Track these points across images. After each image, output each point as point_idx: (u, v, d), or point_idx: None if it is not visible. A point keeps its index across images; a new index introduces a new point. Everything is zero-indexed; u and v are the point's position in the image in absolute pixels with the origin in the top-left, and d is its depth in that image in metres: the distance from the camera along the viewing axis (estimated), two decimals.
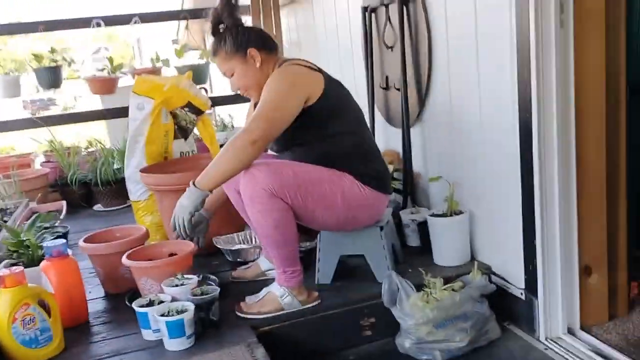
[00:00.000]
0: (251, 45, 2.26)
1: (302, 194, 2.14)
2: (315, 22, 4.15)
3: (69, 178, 4.17)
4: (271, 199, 2.09)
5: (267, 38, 2.35)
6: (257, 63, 2.27)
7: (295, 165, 2.18)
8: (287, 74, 2.21)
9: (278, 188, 2.09)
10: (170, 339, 2.02)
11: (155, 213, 3.10)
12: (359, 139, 2.30)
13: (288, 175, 2.12)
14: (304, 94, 2.17)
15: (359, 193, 2.22)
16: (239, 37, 2.26)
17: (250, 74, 2.28)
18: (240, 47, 2.26)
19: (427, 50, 2.72)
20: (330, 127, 2.23)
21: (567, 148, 2.16)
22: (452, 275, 2.44)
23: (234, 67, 2.29)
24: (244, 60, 2.27)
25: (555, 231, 2.20)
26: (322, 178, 2.19)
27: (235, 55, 2.27)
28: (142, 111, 3.12)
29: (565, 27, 2.08)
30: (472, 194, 2.58)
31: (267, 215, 2.10)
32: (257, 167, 2.10)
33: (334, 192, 2.19)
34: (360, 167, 2.25)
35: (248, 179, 2.09)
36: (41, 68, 4.36)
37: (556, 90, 2.10)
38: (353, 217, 2.26)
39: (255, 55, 2.26)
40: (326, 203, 2.19)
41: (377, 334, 2.35)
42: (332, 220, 2.25)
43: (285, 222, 2.13)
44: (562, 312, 2.26)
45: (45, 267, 2.22)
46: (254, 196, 2.09)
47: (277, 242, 2.16)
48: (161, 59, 4.50)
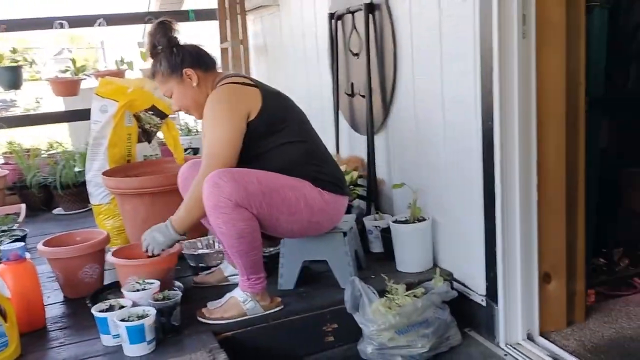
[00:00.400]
0: (186, 65, 2.26)
1: (267, 202, 2.12)
2: (281, 27, 4.15)
3: (29, 180, 4.08)
4: (236, 209, 2.06)
5: (203, 56, 2.33)
6: (194, 82, 2.27)
7: (258, 173, 2.15)
8: (221, 99, 2.20)
9: (243, 198, 2.06)
10: (131, 345, 1.98)
11: (117, 217, 3.06)
12: (307, 146, 2.29)
13: (253, 184, 2.10)
14: (243, 113, 2.17)
15: (319, 198, 2.22)
16: (173, 58, 2.26)
17: (189, 93, 2.29)
18: (176, 68, 2.26)
19: (392, 57, 2.75)
20: (275, 139, 2.22)
21: (528, 157, 2.20)
22: (414, 281, 2.46)
23: (171, 88, 2.30)
24: (181, 80, 2.27)
25: (516, 239, 2.23)
26: (285, 185, 2.18)
27: (171, 77, 2.27)
28: (105, 113, 3.08)
29: (527, 38, 2.12)
30: (435, 201, 2.61)
31: (231, 226, 2.07)
32: (220, 175, 2.07)
33: (297, 198, 2.18)
34: (315, 173, 2.24)
35: (212, 189, 2.05)
36: (1, 68, 4.26)
37: (518, 100, 2.14)
38: (316, 222, 2.26)
39: (191, 74, 2.26)
40: (290, 210, 2.18)
41: (340, 339, 2.35)
42: (296, 227, 2.24)
43: (249, 231, 2.11)
44: (521, 318, 2.30)
45: (2, 270, 2.17)
46: (218, 206, 2.05)
47: (241, 251, 2.13)
48: (125, 62, 4.45)
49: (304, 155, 2.26)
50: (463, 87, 2.32)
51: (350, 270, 2.42)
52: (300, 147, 2.26)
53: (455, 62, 2.35)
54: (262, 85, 2.28)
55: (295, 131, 2.26)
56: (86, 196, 3.38)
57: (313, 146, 2.32)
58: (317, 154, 2.31)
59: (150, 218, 2.74)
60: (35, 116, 5.88)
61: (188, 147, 4.47)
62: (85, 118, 4.22)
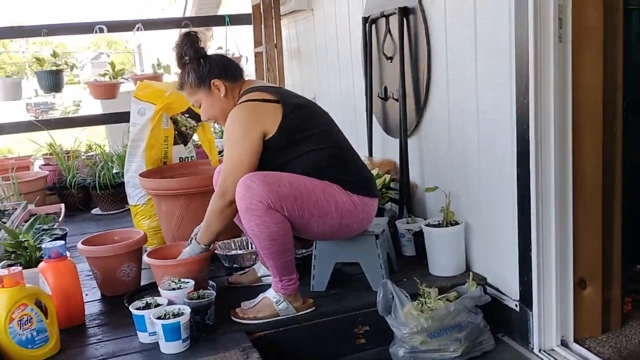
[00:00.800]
0: (214, 76, 2.30)
1: (299, 205, 2.14)
2: (315, 31, 4.18)
3: (68, 181, 4.19)
4: (268, 211, 2.09)
5: (230, 66, 2.36)
6: (222, 93, 2.31)
7: (290, 176, 2.18)
8: (237, 120, 2.23)
9: (275, 200, 2.09)
10: (166, 342, 2.02)
11: (153, 217, 3.12)
12: (334, 151, 2.29)
13: (284, 187, 2.12)
14: (258, 133, 2.20)
15: (349, 200, 2.23)
16: (201, 69, 2.30)
17: (217, 104, 2.33)
18: (204, 79, 2.30)
19: (426, 61, 2.75)
20: (300, 148, 2.24)
21: (564, 161, 2.18)
22: (446, 285, 2.45)
23: (200, 99, 2.34)
24: (209, 91, 2.32)
25: (551, 243, 2.21)
26: (316, 187, 2.19)
27: (199, 88, 2.32)
28: (143, 116, 3.14)
29: (564, 42, 2.11)
30: (469, 204, 2.60)
31: (264, 228, 2.10)
32: (253, 178, 2.10)
33: (328, 200, 2.20)
34: (343, 176, 2.25)
35: (244, 191, 2.09)
36: (43, 71, 4.38)
37: (554, 103, 2.12)
38: (346, 225, 2.27)
39: (219, 85, 2.30)
40: (321, 212, 2.19)
41: (371, 342, 2.36)
42: (326, 229, 2.25)
43: (281, 233, 2.13)
44: (556, 324, 2.27)
45: (43, 268, 2.23)
46: (250, 209, 2.09)
47: (273, 253, 2.16)
48: (162, 66, 4.53)
49: (331, 160, 2.26)
50: (498, 90, 2.31)
51: (382, 272, 2.43)
52: (326, 152, 2.27)
53: (490, 65, 2.35)
54: (285, 98, 2.27)
55: (320, 138, 2.27)
56: (124, 197, 3.45)
57: (339, 150, 2.32)
58: (344, 158, 2.32)
59: (185, 219, 2.81)
60: (75, 118, 6.02)
61: (222, 149, 4.52)
62: (122, 120, 4.33)
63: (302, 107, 2.30)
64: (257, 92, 2.28)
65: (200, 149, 3.61)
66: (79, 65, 5.12)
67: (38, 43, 12.93)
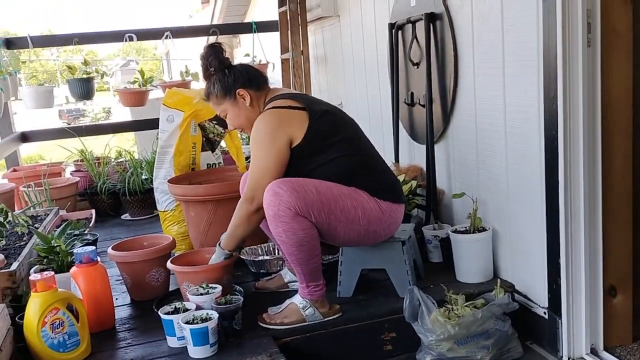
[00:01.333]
0: (238, 86, 2.33)
1: (326, 211, 2.15)
2: (342, 38, 4.20)
3: (98, 187, 4.26)
4: (295, 218, 2.10)
5: (254, 75, 2.38)
6: (247, 102, 2.34)
7: (317, 182, 2.19)
8: (263, 127, 2.24)
9: (303, 207, 2.10)
10: (194, 347, 2.05)
11: (182, 223, 3.15)
12: (360, 158, 2.30)
13: (312, 193, 2.13)
14: (284, 141, 2.21)
15: (376, 207, 2.24)
16: (226, 79, 2.33)
17: (243, 113, 2.36)
18: (229, 89, 2.33)
19: (453, 67, 2.75)
20: (326, 155, 2.25)
21: (594, 166, 2.16)
22: (474, 292, 2.44)
23: (226, 109, 2.38)
24: (235, 101, 2.34)
25: (581, 250, 2.19)
26: (343, 194, 2.20)
27: (225, 98, 2.35)
28: (171, 123, 3.18)
29: (593, 47, 2.09)
30: (496, 211, 2.58)
31: (291, 235, 2.11)
32: (280, 184, 2.12)
33: (355, 207, 2.20)
34: (370, 182, 2.26)
35: (272, 197, 2.11)
36: (74, 79, 4.46)
37: (583, 109, 2.10)
38: (373, 231, 2.27)
39: (244, 94, 2.33)
40: (348, 218, 2.20)
41: (398, 348, 2.36)
42: (353, 235, 2.25)
43: (309, 240, 2.14)
44: (585, 332, 2.24)
45: (75, 273, 2.28)
46: (278, 215, 2.10)
47: (300, 259, 2.17)
48: (190, 73, 4.59)
49: (357, 167, 2.27)
50: (526, 96, 2.30)
51: (408, 279, 2.42)
52: (352, 159, 2.27)
53: (518, 71, 2.33)
54: (310, 105, 2.29)
55: (346, 145, 2.27)
56: (152, 202, 3.49)
57: (365, 157, 2.32)
58: (370, 164, 2.32)
59: (213, 224, 2.83)
60: (104, 125, 6.12)
61: (249, 155, 4.55)
62: (151, 127, 4.40)
63: (328, 113, 2.31)
64: (282, 99, 2.30)
65: (228, 156, 3.65)
66: (109, 72, 5.21)
67: (68, 51, 13.18)
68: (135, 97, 4.55)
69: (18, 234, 3.01)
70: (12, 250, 2.80)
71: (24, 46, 4.60)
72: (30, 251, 2.71)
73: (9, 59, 4.54)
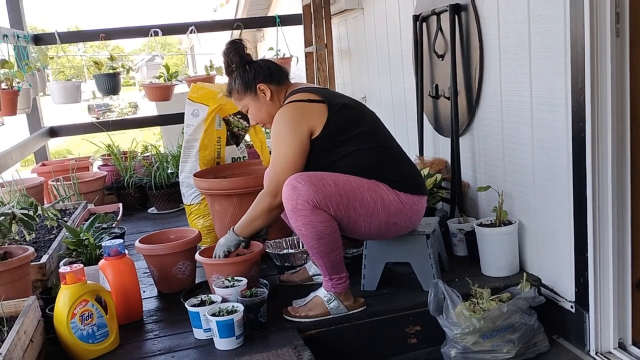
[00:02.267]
0: (259, 81, 2.35)
1: (345, 204, 2.16)
2: (365, 30, 4.19)
3: (125, 181, 4.32)
4: (314, 211, 2.11)
5: (275, 70, 2.40)
6: (268, 96, 2.36)
7: (335, 176, 2.19)
8: (283, 121, 2.25)
9: (321, 200, 2.11)
10: (221, 339, 2.07)
11: (207, 216, 3.18)
12: (379, 150, 2.29)
13: (330, 186, 2.14)
14: (305, 133, 2.22)
15: (396, 199, 2.23)
16: (247, 75, 2.36)
17: (264, 108, 2.38)
18: (250, 85, 2.36)
19: (479, 59, 2.72)
20: (345, 148, 2.25)
21: (622, 159, 2.13)
22: (499, 286, 2.42)
23: (247, 104, 2.40)
24: (255, 96, 2.37)
25: (608, 243, 2.16)
26: (362, 186, 2.20)
27: (246, 93, 2.37)
28: (196, 117, 3.21)
29: (621, 37, 2.05)
30: (522, 204, 2.56)
31: (310, 227, 2.12)
32: (298, 178, 2.13)
33: (375, 199, 2.20)
34: (390, 175, 2.25)
35: (290, 191, 2.12)
36: (101, 75, 4.52)
37: (611, 100, 2.07)
38: (394, 223, 2.27)
39: (264, 89, 2.35)
40: (368, 211, 2.20)
41: (423, 342, 2.36)
42: (374, 228, 2.25)
43: (328, 232, 2.15)
44: (613, 326, 2.21)
45: (103, 265, 2.31)
46: (297, 208, 2.11)
47: (321, 252, 2.18)
48: (215, 67, 4.61)
49: (377, 159, 2.27)
50: (553, 87, 2.27)
51: (433, 272, 2.41)
52: (372, 151, 2.27)
53: (544, 62, 2.30)
54: (330, 98, 2.30)
55: (366, 138, 2.28)
56: (179, 196, 3.53)
57: (386, 150, 2.32)
58: (390, 157, 2.32)
59: (238, 217, 2.82)
60: (131, 120, 6.19)
61: None
62: (176, 122, 4.44)
63: (347, 106, 2.32)
64: (301, 93, 2.31)
65: (252, 149, 3.67)
66: (135, 67, 5.26)
67: (95, 46, 13.35)
68: (161, 91, 4.59)
69: (47, 227, 3.07)
70: (41, 243, 2.86)
71: (51, 42, 4.67)
72: (60, 244, 2.76)
73: (37, 54, 4.61)
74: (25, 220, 2.47)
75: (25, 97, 3.92)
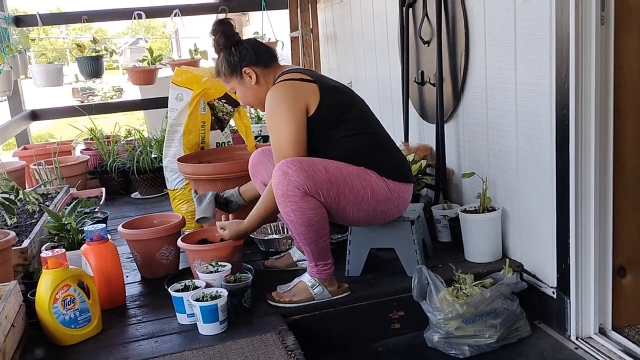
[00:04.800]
0: (244, 65, 2.32)
1: (335, 191, 2.15)
2: (351, 16, 4.16)
3: (108, 166, 4.27)
4: (304, 197, 2.10)
5: (262, 52, 2.36)
6: (253, 80, 2.32)
7: (326, 162, 2.18)
8: (279, 98, 2.21)
9: (312, 186, 2.10)
10: (204, 324, 2.07)
11: (191, 202, 3.16)
12: (369, 137, 2.29)
13: (321, 172, 2.13)
14: (302, 110, 2.20)
15: (384, 187, 2.24)
16: (232, 57, 2.32)
17: (250, 92, 2.36)
18: (235, 68, 2.33)
19: (464, 45, 2.72)
20: (335, 133, 2.24)
21: (605, 146, 2.14)
22: (482, 271, 2.44)
23: (234, 87, 2.38)
24: (241, 80, 2.34)
25: (590, 230, 2.18)
26: (352, 173, 2.20)
27: (232, 76, 2.35)
28: (180, 102, 3.18)
29: (606, 25, 2.06)
30: (506, 191, 2.57)
31: (300, 214, 2.11)
32: (289, 164, 2.11)
33: (364, 187, 2.20)
34: (377, 162, 2.25)
35: (281, 177, 2.10)
36: (83, 57, 4.46)
37: (595, 88, 2.08)
38: (382, 211, 2.27)
39: (250, 73, 2.32)
40: (357, 198, 2.20)
41: (406, 327, 2.37)
42: (362, 215, 2.26)
43: (317, 219, 2.14)
44: (594, 311, 2.24)
45: (85, 250, 2.29)
46: (287, 194, 2.10)
47: (309, 239, 2.18)
48: (199, 51, 4.57)
49: (366, 146, 2.26)
50: (538, 74, 2.27)
51: (417, 258, 2.43)
52: (361, 138, 2.26)
53: (529, 49, 2.31)
54: (321, 80, 2.29)
55: (355, 124, 2.27)
56: (162, 181, 3.50)
57: (375, 137, 2.31)
58: (379, 144, 2.31)
59: None
60: (114, 104, 6.13)
61: (258, 134, 4.56)
62: (160, 106, 4.40)
63: (338, 90, 2.31)
64: (293, 73, 2.29)
65: (237, 134, 3.65)
66: (118, 51, 5.20)
67: (77, 29, 13.20)
68: (144, 75, 4.54)
69: (29, 211, 3.04)
70: (23, 227, 2.83)
71: (33, 24, 4.60)
72: (42, 229, 2.74)
73: (19, 36, 4.53)
74: (7, 204, 2.45)
75: (6, 79, 3.86)
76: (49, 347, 2.09)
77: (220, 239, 2.41)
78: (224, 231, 2.36)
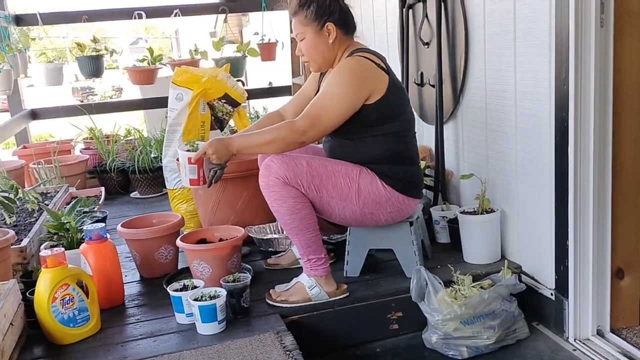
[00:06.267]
0: (331, 20, 2.25)
1: (316, 185, 2.19)
2: None
3: (108, 165, 4.28)
4: (285, 187, 2.16)
5: (350, 19, 2.31)
6: (331, 39, 2.27)
7: (310, 158, 2.23)
8: (356, 70, 2.19)
9: (291, 177, 2.15)
10: (203, 323, 2.07)
11: (190, 201, 3.17)
12: (400, 145, 2.30)
13: (301, 165, 2.18)
14: (365, 93, 2.18)
15: (378, 192, 2.25)
16: (324, 7, 2.24)
17: (320, 47, 2.28)
18: (321, 18, 2.24)
19: (464, 47, 2.72)
20: (378, 129, 2.24)
21: (604, 149, 2.15)
22: (481, 273, 2.45)
23: (306, 34, 2.27)
24: (319, 31, 2.26)
25: (589, 232, 2.18)
26: (338, 171, 2.23)
27: (312, 24, 2.25)
28: (180, 101, 3.18)
29: (606, 27, 2.06)
30: (505, 192, 2.57)
31: (282, 202, 2.17)
32: (272, 158, 2.18)
33: (349, 185, 2.23)
34: (388, 170, 2.26)
35: (264, 170, 2.18)
36: (83, 57, 4.47)
37: (594, 90, 2.08)
38: (370, 213, 2.28)
39: (331, 30, 2.25)
40: (341, 195, 2.23)
41: (404, 328, 2.37)
42: (348, 213, 2.27)
43: (299, 207, 2.18)
44: (592, 313, 2.25)
45: (84, 249, 2.30)
46: (269, 185, 2.17)
47: (295, 228, 2.20)
48: (200, 51, 4.57)
49: (387, 152, 2.27)
50: (537, 77, 2.28)
51: (416, 259, 2.43)
52: (391, 142, 2.27)
53: (529, 51, 2.31)
54: (393, 75, 2.27)
55: (397, 126, 2.27)
56: (162, 181, 3.51)
57: (403, 145, 2.32)
58: (403, 154, 2.31)
59: (222, 203, 2.85)
60: (114, 103, 6.14)
61: None
62: (160, 106, 4.40)
63: (402, 90, 2.32)
64: (372, 54, 2.26)
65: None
66: (118, 50, 5.21)
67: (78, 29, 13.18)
68: (144, 75, 4.55)
69: (28, 210, 3.04)
70: (22, 226, 2.83)
71: (33, 23, 4.60)
72: (41, 228, 2.74)
73: (19, 35, 4.54)
74: (6, 203, 2.46)
75: (6, 78, 3.86)
76: (47, 345, 2.09)
77: (220, 239, 2.41)
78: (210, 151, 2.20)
